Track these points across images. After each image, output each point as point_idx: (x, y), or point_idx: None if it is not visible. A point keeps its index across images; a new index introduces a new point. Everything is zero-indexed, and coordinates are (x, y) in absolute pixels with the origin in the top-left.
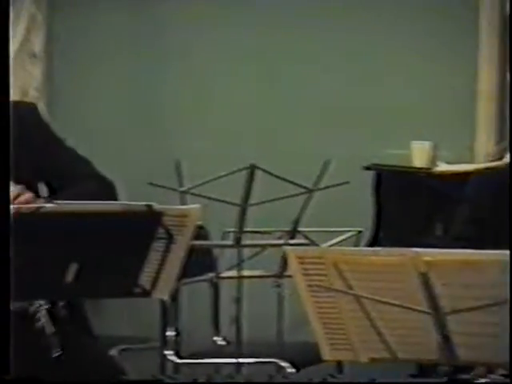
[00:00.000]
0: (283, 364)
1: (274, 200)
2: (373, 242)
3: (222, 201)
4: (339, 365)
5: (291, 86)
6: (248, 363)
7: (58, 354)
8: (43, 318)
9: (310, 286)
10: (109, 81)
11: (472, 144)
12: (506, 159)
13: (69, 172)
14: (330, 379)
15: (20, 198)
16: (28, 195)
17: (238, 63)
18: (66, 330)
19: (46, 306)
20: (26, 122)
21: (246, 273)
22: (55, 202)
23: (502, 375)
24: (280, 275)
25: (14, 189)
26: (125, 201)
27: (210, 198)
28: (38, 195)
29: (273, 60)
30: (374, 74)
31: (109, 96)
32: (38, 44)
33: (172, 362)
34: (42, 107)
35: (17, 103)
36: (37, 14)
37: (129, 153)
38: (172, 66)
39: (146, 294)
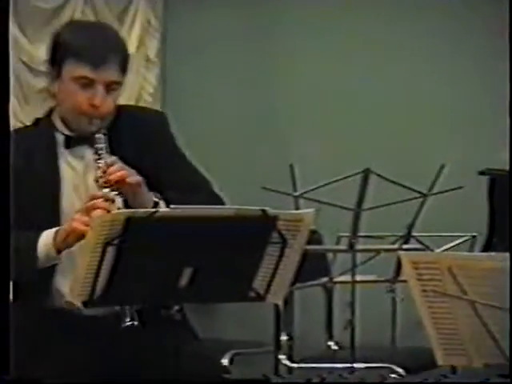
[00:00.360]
0: (396, 369)
1: (388, 205)
2: (487, 247)
3: (336, 205)
4: (453, 370)
5: (405, 90)
6: (361, 368)
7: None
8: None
9: (424, 291)
10: (222, 85)
11: None
12: None
13: (188, 187)
14: (443, 379)
15: (113, 166)
16: (121, 165)
17: (350, 66)
18: (179, 333)
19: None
20: (154, 130)
21: (359, 277)
22: (170, 206)
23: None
24: (394, 280)
25: (111, 158)
26: (239, 205)
27: (323, 203)
28: None
29: (384, 62)
30: (488, 78)
31: (222, 100)
32: (152, 48)
33: (285, 366)
34: (170, 118)
35: (147, 109)
36: (151, 19)
37: (243, 157)
38: (285, 70)
39: (260, 298)
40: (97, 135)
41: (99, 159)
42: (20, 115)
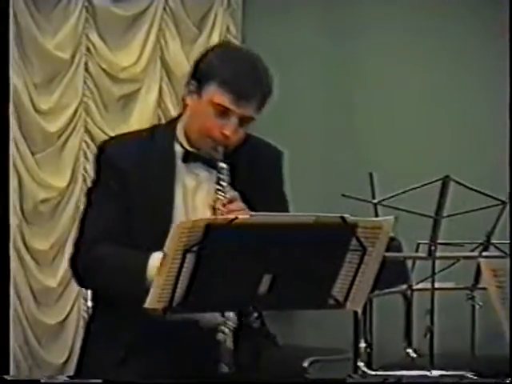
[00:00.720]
0: (474, 377)
1: (467, 212)
2: None
3: (415, 213)
4: None
5: (481, 98)
6: (439, 375)
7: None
8: (227, 333)
9: (504, 298)
10: (300, 94)
11: None
12: None
13: None
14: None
15: (233, 204)
16: (241, 204)
17: (430, 73)
18: (258, 340)
19: (233, 324)
20: (271, 169)
21: (437, 285)
22: (250, 213)
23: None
24: (473, 287)
25: (232, 193)
26: (318, 213)
27: (402, 210)
28: None
29: (464, 68)
30: None
31: (300, 109)
32: None
33: (364, 373)
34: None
35: (268, 144)
36: (231, 26)
37: (322, 165)
38: (364, 78)
39: (340, 305)
40: (220, 164)
41: (221, 191)
42: (100, 122)
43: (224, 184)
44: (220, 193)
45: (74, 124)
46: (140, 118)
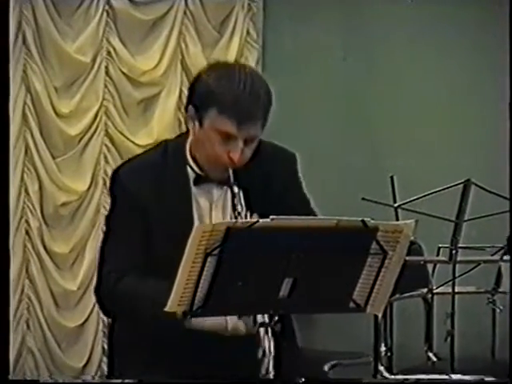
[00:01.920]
0: (495, 381)
1: (488, 216)
2: None
3: (436, 216)
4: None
5: (497, 100)
6: (459, 380)
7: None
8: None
9: None
10: (319, 96)
11: None
12: None
13: None
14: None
15: None
16: None
17: (453, 74)
18: (280, 344)
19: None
20: (284, 171)
21: (458, 289)
22: (271, 217)
23: None
24: (494, 291)
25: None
26: (338, 216)
27: (423, 214)
28: None
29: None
30: None
31: (319, 111)
32: (251, 60)
33: (384, 377)
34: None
35: (280, 148)
36: (251, 30)
37: (341, 168)
38: (382, 81)
39: (361, 309)
40: (234, 189)
41: (237, 214)
42: (120, 126)
43: (239, 209)
44: (238, 219)
45: (95, 127)
46: (160, 121)
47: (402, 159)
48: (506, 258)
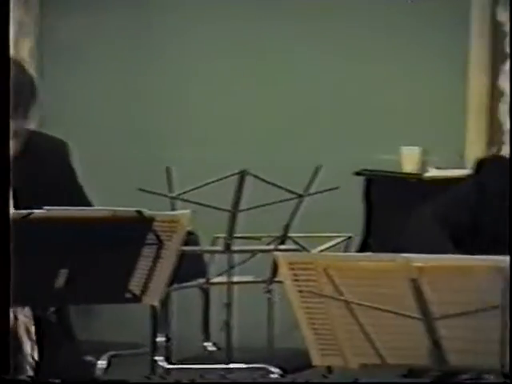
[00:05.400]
0: (273, 369)
1: (264, 205)
2: (363, 248)
3: (212, 206)
4: (329, 370)
5: (280, 92)
6: (238, 369)
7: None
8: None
9: (300, 291)
10: (97, 89)
11: (462, 149)
12: None
13: None
14: (319, 380)
15: None
16: None
17: (227, 70)
18: (54, 335)
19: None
20: (54, 163)
21: (236, 278)
22: (45, 208)
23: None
24: (270, 281)
25: None
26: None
27: (199, 204)
28: None
29: (262, 66)
30: (363, 79)
31: (97, 104)
32: (25, 49)
33: (162, 367)
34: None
35: (50, 137)
36: (24, 18)
37: (117, 159)
38: (160, 74)
39: (137, 299)
40: None
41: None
42: None
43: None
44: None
45: None
46: None
47: (181, 151)
48: (282, 247)
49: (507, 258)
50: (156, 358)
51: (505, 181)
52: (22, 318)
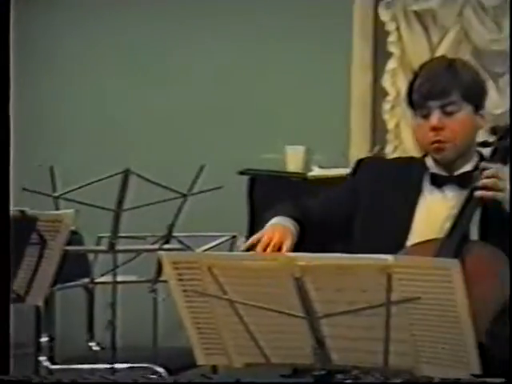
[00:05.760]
0: (158, 369)
1: (148, 205)
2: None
3: (96, 206)
4: (214, 370)
5: (162, 90)
6: (122, 368)
7: None
8: None
9: (184, 291)
10: None
11: (346, 148)
12: None
13: None
14: (204, 380)
15: None
16: None
17: (107, 70)
18: None
19: None
20: None
21: (120, 278)
22: None
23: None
24: (155, 280)
25: None
26: None
27: (83, 204)
28: None
29: (142, 63)
30: (247, 79)
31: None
32: None
33: (46, 367)
34: None
35: None
36: None
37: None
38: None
39: (20, 299)
40: None
41: None
42: None
43: None
44: None
45: None
46: None
47: (64, 151)
48: (166, 246)
49: (390, 256)
50: (39, 358)
51: (377, 182)
52: None
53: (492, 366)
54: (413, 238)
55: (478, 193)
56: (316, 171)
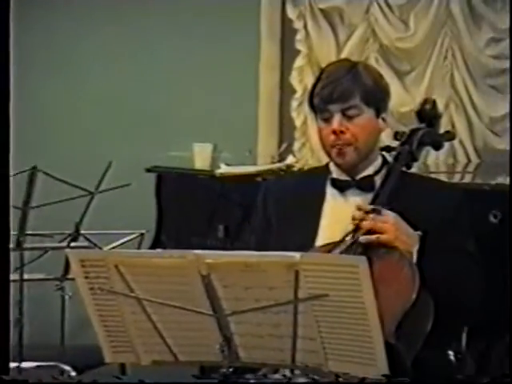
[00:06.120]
0: (65, 367)
1: (55, 202)
2: (155, 245)
3: None
4: (122, 368)
5: (71, 85)
6: (29, 367)
7: None
8: None
9: (91, 288)
10: None
11: (254, 146)
12: (288, 160)
13: None
14: (115, 380)
15: None
16: None
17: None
18: None
19: None
20: None
21: (27, 276)
22: None
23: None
24: (62, 278)
25: None
26: None
27: None
28: None
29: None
30: (155, 76)
31: None
32: None
33: None
34: None
35: None
36: None
37: None
38: None
39: None
40: None
41: None
42: None
43: None
44: None
45: None
46: None
47: None
48: (74, 244)
49: (298, 253)
50: None
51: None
52: None
53: (400, 366)
54: (319, 244)
55: (362, 238)
56: (223, 168)
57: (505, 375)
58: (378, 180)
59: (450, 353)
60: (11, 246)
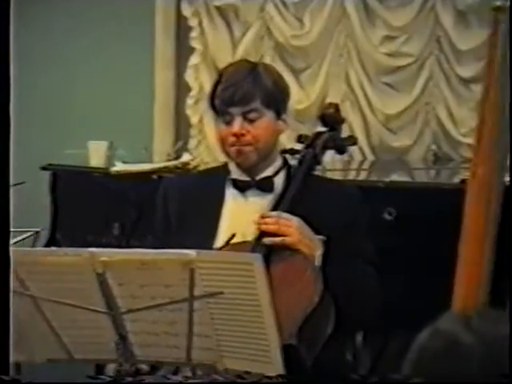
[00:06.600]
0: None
1: None
2: (50, 243)
3: None
4: (17, 366)
5: None
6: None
7: None
8: None
9: None
10: None
11: (149, 143)
12: (184, 158)
13: None
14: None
15: None
16: None
17: None
18: None
19: None
20: None
21: None
22: None
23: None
24: None
25: None
26: None
27: None
28: None
29: None
30: (51, 76)
31: None
32: None
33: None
34: None
35: None
36: None
37: None
38: None
39: None
40: None
41: None
42: None
43: None
44: None
45: None
46: None
47: None
48: None
49: (193, 251)
50: None
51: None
52: None
53: (300, 367)
54: (219, 245)
55: (266, 239)
56: (119, 166)
57: (504, 375)
58: (277, 181)
59: (347, 353)
60: None
